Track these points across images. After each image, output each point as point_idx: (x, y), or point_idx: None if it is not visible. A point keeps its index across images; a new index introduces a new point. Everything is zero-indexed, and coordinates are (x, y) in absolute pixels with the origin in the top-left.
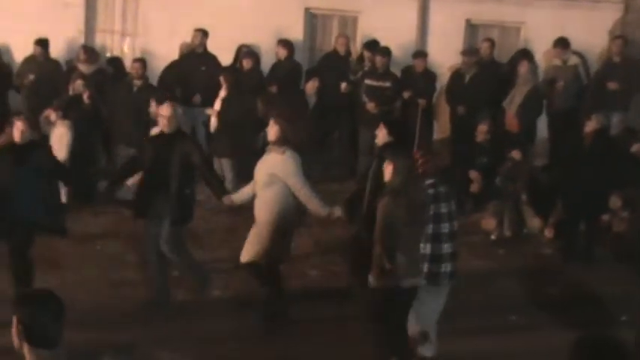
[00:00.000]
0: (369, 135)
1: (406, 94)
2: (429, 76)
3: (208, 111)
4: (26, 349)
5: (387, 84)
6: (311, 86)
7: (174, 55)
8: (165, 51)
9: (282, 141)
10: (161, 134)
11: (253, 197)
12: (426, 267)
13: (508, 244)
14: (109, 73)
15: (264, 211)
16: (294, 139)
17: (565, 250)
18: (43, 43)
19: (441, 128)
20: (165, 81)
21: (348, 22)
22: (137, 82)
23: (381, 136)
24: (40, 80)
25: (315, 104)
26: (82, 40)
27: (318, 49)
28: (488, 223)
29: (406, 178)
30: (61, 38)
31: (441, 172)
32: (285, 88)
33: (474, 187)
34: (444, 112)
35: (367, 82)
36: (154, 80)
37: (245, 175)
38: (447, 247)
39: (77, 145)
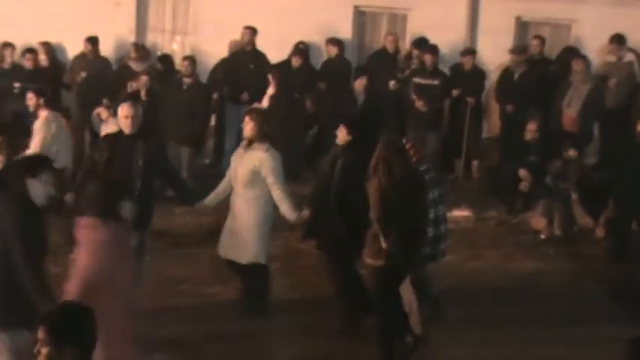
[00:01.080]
0: (417, 134)
1: (455, 92)
2: (478, 74)
3: (254, 106)
4: None
5: (436, 82)
6: (359, 84)
7: (224, 53)
8: (215, 49)
9: (262, 137)
10: (120, 135)
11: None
12: None
13: (558, 243)
14: (160, 71)
15: (249, 210)
16: (271, 135)
17: (616, 249)
18: (93, 41)
19: (491, 126)
20: (214, 78)
21: (398, 20)
22: (187, 80)
23: (341, 135)
24: (90, 78)
25: (363, 102)
26: (132, 38)
27: (367, 47)
28: (538, 222)
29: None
30: (112, 36)
31: (486, 170)
32: (334, 86)
33: (524, 186)
34: (494, 111)
35: (416, 80)
36: (204, 78)
37: (292, 173)
38: (429, 231)
39: None
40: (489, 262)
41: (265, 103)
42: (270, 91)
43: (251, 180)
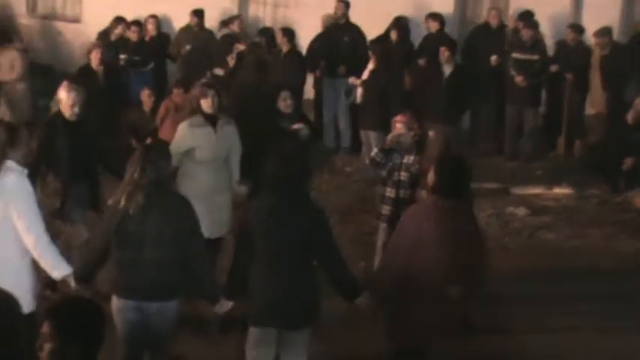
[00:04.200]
0: (515, 110)
1: (554, 68)
2: (583, 49)
3: (351, 80)
4: None
5: (535, 57)
6: (442, 55)
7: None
8: (315, 22)
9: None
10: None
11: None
12: None
13: None
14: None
15: (227, 184)
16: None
17: None
18: (198, 14)
19: (594, 103)
20: (312, 53)
21: None
22: (284, 49)
23: None
24: (194, 50)
25: (449, 75)
26: (235, 11)
27: (468, 22)
28: None
29: None
30: (216, 9)
31: (589, 147)
32: (435, 62)
33: (627, 166)
34: (598, 87)
35: (514, 55)
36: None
37: None
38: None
39: None
40: (591, 241)
41: (365, 76)
42: (371, 65)
43: (226, 155)
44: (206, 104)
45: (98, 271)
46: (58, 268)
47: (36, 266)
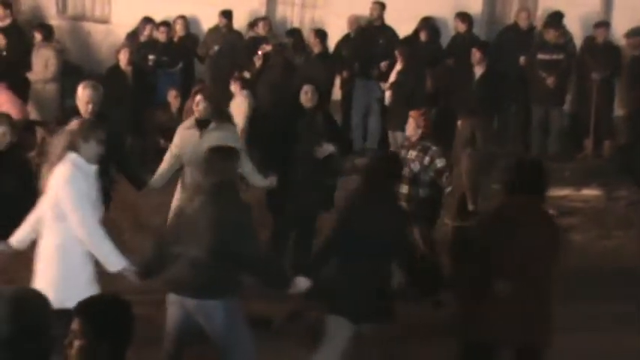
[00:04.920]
0: (542, 110)
1: (596, 76)
2: (612, 49)
3: (382, 85)
4: None
5: (561, 56)
6: (473, 56)
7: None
8: (343, 23)
9: (220, 115)
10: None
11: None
12: None
13: None
14: (288, 45)
15: None
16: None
17: None
18: (227, 15)
19: (624, 103)
20: (341, 54)
21: None
22: (315, 50)
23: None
24: (222, 51)
25: (480, 76)
26: (263, 12)
27: (497, 23)
28: None
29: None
30: (245, 10)
31: (618, 148)
32: (462, 63)
33: None
34: (628, 87)
35: (540, 56)
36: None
37: None
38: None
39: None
40: (619, 242)
41: (392, 77)
42: (398, 66)
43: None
44: (195, 108)
45: (163, 268)
46: (113, 263)
47: None
